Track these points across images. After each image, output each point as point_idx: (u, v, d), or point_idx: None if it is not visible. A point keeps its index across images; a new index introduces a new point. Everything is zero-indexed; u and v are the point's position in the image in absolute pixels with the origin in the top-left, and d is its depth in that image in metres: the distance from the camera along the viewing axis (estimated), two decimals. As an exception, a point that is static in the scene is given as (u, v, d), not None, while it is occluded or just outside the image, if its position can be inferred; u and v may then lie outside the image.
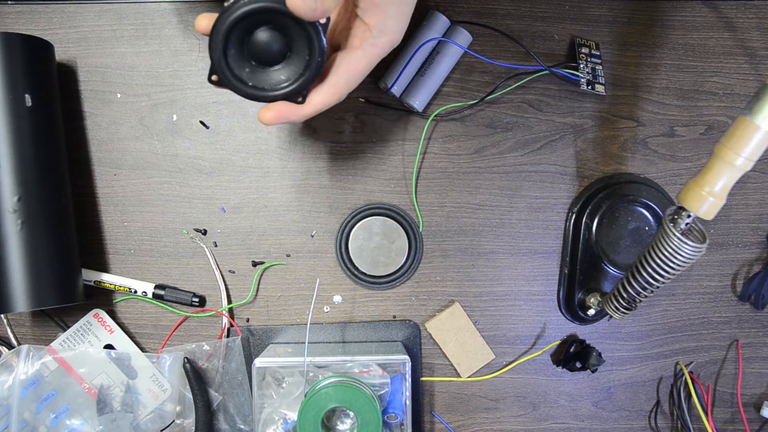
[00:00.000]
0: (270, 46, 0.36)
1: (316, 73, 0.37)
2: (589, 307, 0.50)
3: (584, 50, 0.52)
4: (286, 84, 0.37)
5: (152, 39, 0.51)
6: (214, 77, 0.37)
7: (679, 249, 0.38)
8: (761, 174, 0.54)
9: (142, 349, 0.51)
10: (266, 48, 0.36)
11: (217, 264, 0.52)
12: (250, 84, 0.37)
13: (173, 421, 0.50)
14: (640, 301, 0.42)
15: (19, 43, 0.45)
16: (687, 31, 0.53)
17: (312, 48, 0.36)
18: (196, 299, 0.51)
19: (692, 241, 0.37)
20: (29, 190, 0.44)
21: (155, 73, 0.51)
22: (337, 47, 0.39)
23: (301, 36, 0.36)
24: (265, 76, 0.38)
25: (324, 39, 0.36)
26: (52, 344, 0.49)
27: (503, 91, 0.52)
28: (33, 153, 0.45)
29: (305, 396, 0.45)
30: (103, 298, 0.52)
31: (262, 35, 0.36)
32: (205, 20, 0.35)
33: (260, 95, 0.37)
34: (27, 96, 0.44)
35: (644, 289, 0.41)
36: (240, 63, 0.37)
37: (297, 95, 0.37)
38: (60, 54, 0.51)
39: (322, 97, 0.38)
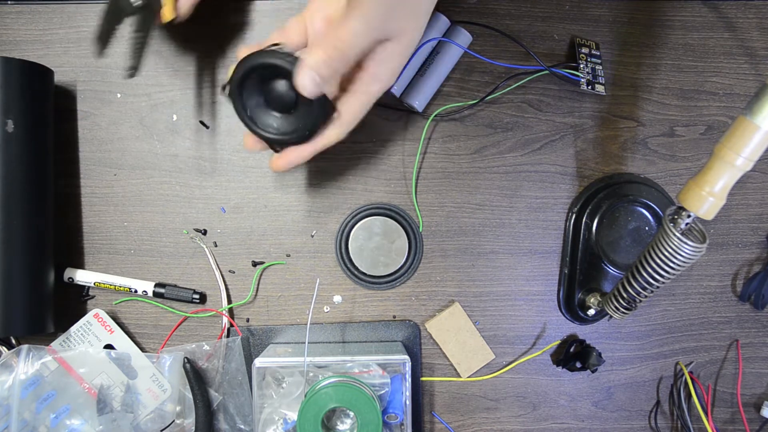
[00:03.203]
0: (282, 96, 0.41)
1: (323, 122, 0.41)
2: (589, 307, 0.50)
3: (584, 50, 0.52)
4: (293, 130, 0.41)
5: (152, 39, 0.51)
6: (227, 90, 0.41)
7: (679, 249, 0.38)
8: (761, 174, 0.54)
9: (142, 349, 0.51)
10: (278, 97, 0.41)
11: (217, 264, 0.52)
12: (259, 123, 0.42)
13: (173, 421, 0.50)
14: (640, 301, 0.42)
15: (3, 68, 0.44)
16: (687, 31, 0.53)
17: (317, 107, 0.40)
18: (197, 296, 0.51)
19: (692, 241, 0.37)
20: (5, 218, 0.45)
21: (155, 73, 0.51)
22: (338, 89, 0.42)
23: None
24: (274, 119, 0.42)
25: (328, 102, 0.40)
26: (52, 344, 0.49)
27: (503, 91, 0.52)
28: (10, 180, 0.45)
29: (305, 396, 0.45)
30: (103, 298, 0.52)
31: (279, 85, 0.40)
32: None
33: (268, 137, 0.42)
34: (9, 121, 0.44)
35: (644, 289, 0.41)
36: (254, 104, 0.41)
37: (303, 140, 0.42)
38: (60, 54, 0.51)
39: (325, 139, 0.42)
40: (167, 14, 0.43)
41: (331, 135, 0.42)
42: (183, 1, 0.44)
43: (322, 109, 0.40)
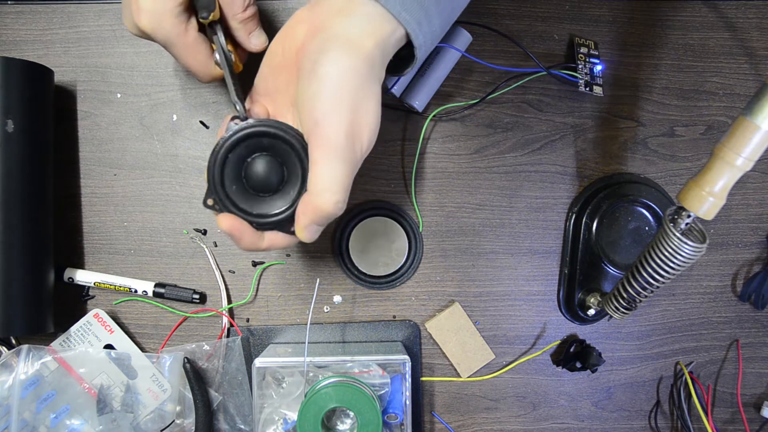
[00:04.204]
0: (267, 175, 0.38)
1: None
2: (589, 307, 0.50)
3: (583, 50, 0.52)
4: (288, 206, 0.38)
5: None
6: (209, 201, 0.38)
7: (679, 249, 0.38)
8: (761, 174, 0.54)
9: (142, 349, 0.51)
10: (263, 177, 0.38)
11: (217, 264, 0.52)
12: (254, 213, 0.38)
13: (173, 421, 0.50)
14: (640, 301, 0.42)
15: (3, 68, 0.44)
16: (687, 31, 0.53)
17: (303, 164, 0.37)
18: (197, 296, 0.51)
19: (692, 241, 0.37)
20: (5, 218, 0.44)
21: (155, 73, 0.51)
22: None
23: (291, 155, 0.37)
24: (267, 203, 0.38)
25: None
26: (52, 344, 0.49)
27: (503, 91, 0.52)
28: (10, 180, 0.45)
29: (305, 396, 0.45)
30: (103, 298, 0.52)
31: (258, 164, 0.38)
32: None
33: (264, 222, 0.38)
34: (9, 121, 0.44)
35: (644, 289, 0.41)
36: (241, 194, 0.38)
37: (292, 222, 0.38)
38: (60, 54, 0.51)
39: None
40: (236, 68, 0.42)
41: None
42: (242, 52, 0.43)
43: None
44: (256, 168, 0.38)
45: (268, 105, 0.39)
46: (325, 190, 0.35)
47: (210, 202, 0.38)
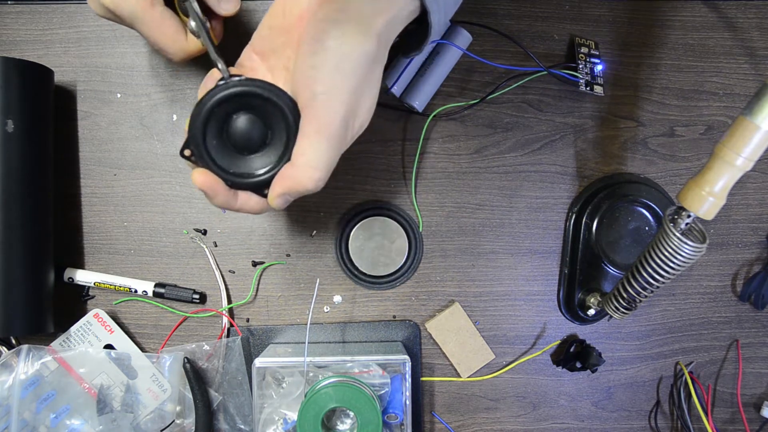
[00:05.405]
0: (250, 134, 0.36)
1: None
2: (589, 307, 0.50)
3: (583, 50, 0.52)
4: (267, 169, 0.37)
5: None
6: (187, 152, 0.36)
7: (679, 249, 0.38)
8: (761, 174, 0.54)
9: (142, 349, 0.51)
10: (246, 136, 0.37)
11: (217, 264, 0.52)
12: (231, 171, 0.37)
13: (173, 421, 0.50)
14: (640, 301, 0.42)
15: (3, 68, 0.44)
16: (687, 31, 0.53)
17: (290, 131, 0.36)
18: (197, 296, 0.51)
19: (692, 241, 0.37)
20: (5, 218, 0.44)
21: (155, 73, 0.51)
22: None
23: (280, 120, 0.36)
24: (245, 162, 0.37)
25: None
26: (52, 344, 0.49)
27: (503, 91, 0.52)
28: (10, 180, 0.45)
29: (305, 396, 0.45)
30: (103, 298, 0.52)
31: (242, 122, 0.36)
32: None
33: (240, 182, 0.37)
34: (9, 121, 0.44)
35: (644, 289, 0.41)
36: (220, 151, 0.37)
37: (267, 186, 0.37)
38: (60, 54, 0.51)
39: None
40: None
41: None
42: (216, 25, 0.42)
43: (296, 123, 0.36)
44: (240, 126, 0.36)
45: (261, 65, 0.38)
46: (309, 165, 0.34)
47: (187, 153, 0.36)
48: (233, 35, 0.45)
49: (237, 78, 0.36)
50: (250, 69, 0.38)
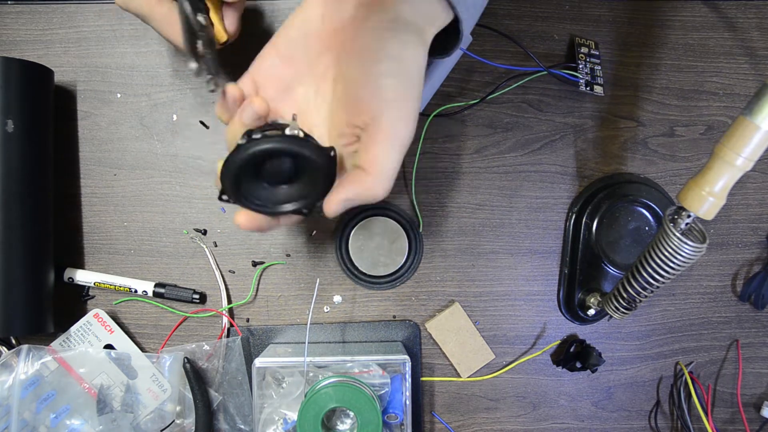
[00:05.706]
0: (283, 173, 0.37)
1: (326, 192, 0.37)
2: (589, 307, 0.50)
3: (583, 50, 0.52)
4: (295, 201, 0.38)
5: (152, 39, 0.51)
6: (224, 197, 0.37)
7: (679, 249, 0.38)
8: (761, 174, 0.54)
9: (142, 349, 0.51)
10: (280, 175, 0.37)
11: (217, 264, 0.52)
12: (259, 203, 0.37)
13: (173, 421, 0.50)
14: (640, 301, 0.42)
15: (3, 68, 0.44)
16: (687, 31, 0.53)
17: (326, 178, 0.36)
18: (197, 296, 0.51)
19: (692, 241, 0.37)
20: (5, 218, 0.44)
21: (155, 73, 0.51)
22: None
23: (314, 167, 0.36)
24: (274, 193, 0.38)
25: (335, 168, 0.37)
26: (52, 344, 0.49)
27: (503, 91, 0.52)
28: (10, 180, 0.45)
29: (305, 396, 0.45)
30: (103, 298, 0.52)
31: (275, 165, 0.36)
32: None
33: (269, 211, 0.38)
34: (9, 121, 0.44)
35: (644, 289, 0.41)
36: (256, 189, 0.37)
37: (305, 210, 0.38)
38: (60, 54, 0.51)
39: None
40: (219, 36, 0.41)
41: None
42: (229, 21, 0.41)
43: (332, 172, 0.37)
44: (274, 168, 0.37)
45: (285, 69, 0.37)
46: (383, 173, 0.34)
47: (225, 197, 0.37)
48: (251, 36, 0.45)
49: (263, 135, 0.34)
50: (272, 77, 0.37)
